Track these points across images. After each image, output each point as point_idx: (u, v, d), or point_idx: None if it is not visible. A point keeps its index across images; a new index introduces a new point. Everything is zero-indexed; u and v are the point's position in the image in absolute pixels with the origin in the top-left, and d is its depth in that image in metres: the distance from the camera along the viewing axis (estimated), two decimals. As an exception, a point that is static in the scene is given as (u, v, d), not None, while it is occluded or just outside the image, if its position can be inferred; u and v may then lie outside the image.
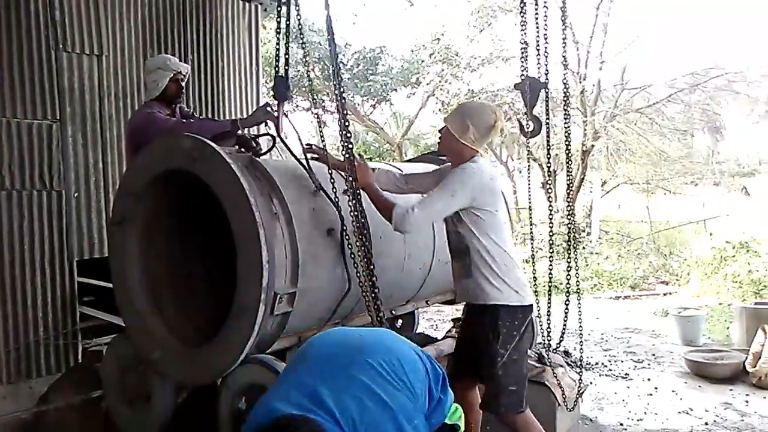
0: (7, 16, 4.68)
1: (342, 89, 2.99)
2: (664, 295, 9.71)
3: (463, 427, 2.02)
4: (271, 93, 3.50)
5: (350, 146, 2.95)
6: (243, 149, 3.36)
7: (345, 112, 2.95)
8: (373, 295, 2.93)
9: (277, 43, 3.48)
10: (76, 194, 5.03)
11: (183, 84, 3.95)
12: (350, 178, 2.95)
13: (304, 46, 3.60)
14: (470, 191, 2.89)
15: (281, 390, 1.67)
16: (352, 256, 3.07)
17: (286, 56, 3.49)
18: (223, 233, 3.02)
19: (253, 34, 6.57)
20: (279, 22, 3.47)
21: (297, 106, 15.67)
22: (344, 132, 2.92)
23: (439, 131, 3.20)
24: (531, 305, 3.04)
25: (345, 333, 2.01)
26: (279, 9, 3.46)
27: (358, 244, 2.96)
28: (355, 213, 2.96)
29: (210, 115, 6.02)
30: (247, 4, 6.45)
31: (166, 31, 5.70)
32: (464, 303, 3.18)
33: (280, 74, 3.50)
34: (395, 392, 1.68)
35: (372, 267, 2.93)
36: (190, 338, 3.23)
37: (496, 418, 3.02)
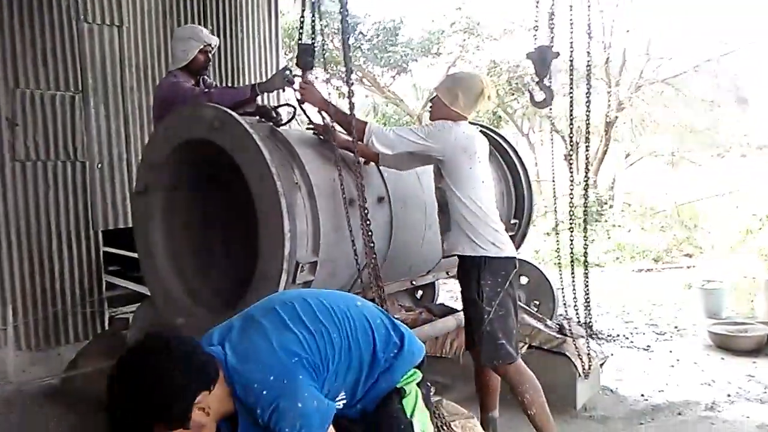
0: (28, -13, 4.69)
1: (351, 67, 3.05)
2: (688, 268, 9.59)
3: (412, 392, 2.05)
4: (295, 62, 3.47)
5: (353, 117, 3.00)
6: (264, 119, 3.35)
7: (351, 86, 3.02)
8: (373, 265, 2.98)
9: (302, 13, 3.45)
10: (99, 165, 5.09)
11: (210, 56, 3.94)
12: (355, 153, 3.04)
13: (311, 18, 3.54)
14: (442, 142, 3.01)
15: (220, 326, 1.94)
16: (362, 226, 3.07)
17: (313, 24, 3.46)
18: (245, 202, 3.04)
19: (273, 5, 6.53)
20: None
21: (316, 77, 15.59)
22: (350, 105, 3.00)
23: (430, 100, 3.31)
24: (511, 258, 3.08)
25: (289, 292, 2.17)
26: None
27: (359, 214, 2.98)
28: (358, 183, 2.98)
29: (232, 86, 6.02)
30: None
31: (185, 1, 5.68)
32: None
33: (304, 43, 3.46)
34: (290, 336, 1.82)
35: (371, 234, 2.96)
36: (212, 306, 3.28)
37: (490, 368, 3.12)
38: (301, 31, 3.45)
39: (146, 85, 5.35)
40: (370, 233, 2.95)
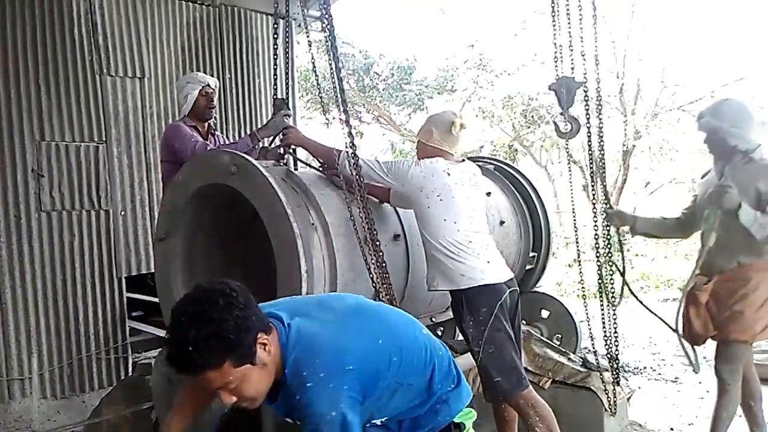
0: (52, 43, 4.89)
1: (346, 103, 3.17)
2: (715, 296, 9.40)
3: (469, 428, 2.10)
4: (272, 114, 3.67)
5: (355, 155, 3.10)
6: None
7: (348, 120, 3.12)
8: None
9: (274, 71, 3.65)
10: (122, 212, 5.20)
11: (213, 98, 4.07)
12: (357, 190, 3.10)
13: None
14: (400, 180, 3.11)
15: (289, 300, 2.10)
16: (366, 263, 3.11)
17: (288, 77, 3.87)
18: (264, 245, 3.08)
19: (288, 52, 6.69)
20: (275, 49, 3.66)
21: (334, 118, 15.82)
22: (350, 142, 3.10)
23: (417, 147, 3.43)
24: (493, 286, 3.03)
25: (368, 303, 2.16)
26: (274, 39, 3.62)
27: (369, 251, 3.05)
28: (365, 219, 3.06)
29: (249, 132, 6.15)
30: (280, 21, 6.57)
31: (204, 51, 5.86)
32: None
33: (279, 98, 3.68)
34: (354, 344, 1.83)
35: (385, 270, 3.04)
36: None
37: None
38: (275, 87, 3.65)
39: (167, 133, 5.50)
40: (386, 274, 3.00)
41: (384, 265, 3.04)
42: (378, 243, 3.03)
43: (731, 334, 3.32)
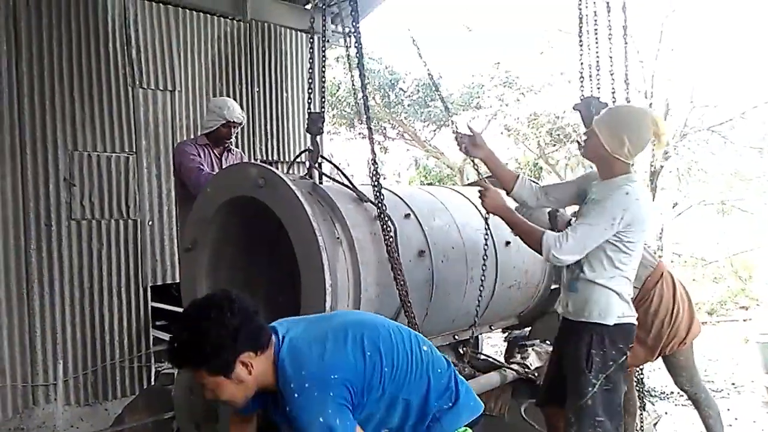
0: (87, 55, 5.00)
1: (370, 123, 3.23)
2: (744, 321, 9.19)
3: None
4: (306, 128, 3.66)
5: (377, 172, 3.14)
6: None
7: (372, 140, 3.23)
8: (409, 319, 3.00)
9: (310, 79, 3.65)
10: (150, 222, 5.26)
11: (236, 130, 4.14)
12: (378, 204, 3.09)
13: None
14: (629, 218, 2.67)
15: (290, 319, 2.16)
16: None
17: (323, 92, 3.79)
18: (289, 258, 3.10)
19: (316, 65, 6.76)
20: (312, 64, 3.67)
21: (359, 133, 15.92)
22: (373, 158, 3.20)
23: (585, 134, 2.94)
24: (632, 327, 2.84)
25: (368, 318, 2.23)
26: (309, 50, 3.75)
27: (392, 268, 3.01)
28: (387, 236, 3.04)
29: (276, 145, 6.24)
30: (315, 37, 6.64)
31: (234, 65, 5.95)
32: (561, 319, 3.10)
33: (315, 111, 3.66)
34: (342, 354, 1.91)
35: (405, 290, 3.00)
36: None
37: None
38: (310, 100, 3.64)
39: (195, 145, 5.57)
40: (405, 291, 2.98)
41: (404, 282, 3.01)
42: (399, 260, 3.01)
43: (665, 350, 3.48)
